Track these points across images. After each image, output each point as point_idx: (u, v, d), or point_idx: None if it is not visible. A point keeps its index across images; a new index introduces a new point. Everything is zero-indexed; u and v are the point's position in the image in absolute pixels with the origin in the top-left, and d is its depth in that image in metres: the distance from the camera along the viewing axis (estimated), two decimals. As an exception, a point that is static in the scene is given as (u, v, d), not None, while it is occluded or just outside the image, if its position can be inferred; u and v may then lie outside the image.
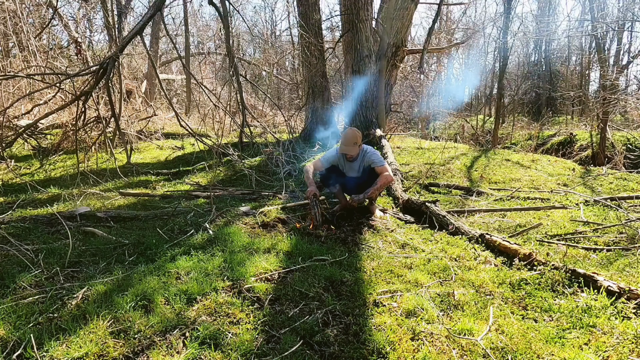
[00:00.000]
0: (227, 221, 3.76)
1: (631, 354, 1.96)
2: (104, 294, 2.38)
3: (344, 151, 4.06)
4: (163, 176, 6.24)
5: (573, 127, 14.34)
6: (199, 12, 20.79)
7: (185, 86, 15.13)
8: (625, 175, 6.57)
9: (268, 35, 22.28)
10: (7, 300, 2.30)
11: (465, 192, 5.39)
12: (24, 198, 4.73)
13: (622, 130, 11.49)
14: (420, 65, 8.99)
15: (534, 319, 2.31)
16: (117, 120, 6.19)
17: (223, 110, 7.15)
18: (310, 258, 2.99)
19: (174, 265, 2.78)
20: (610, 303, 2.36)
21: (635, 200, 4.76)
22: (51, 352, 1.88)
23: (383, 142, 7.10)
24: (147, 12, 5.89)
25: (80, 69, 8.15)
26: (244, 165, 6.28)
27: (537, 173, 6.73)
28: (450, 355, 1.98)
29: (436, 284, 2.70)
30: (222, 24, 7.13)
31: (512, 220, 4.16)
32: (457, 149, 8.64)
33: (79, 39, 12.18)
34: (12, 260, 2.86)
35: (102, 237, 3.38)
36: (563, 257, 3.06)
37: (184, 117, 10.41)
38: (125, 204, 4.55)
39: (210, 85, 14.42)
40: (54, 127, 8.28)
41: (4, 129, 6.35)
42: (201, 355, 1.91)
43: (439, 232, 3.74)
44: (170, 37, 7.45)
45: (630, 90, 15.88)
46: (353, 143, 4.03)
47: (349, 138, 4.06)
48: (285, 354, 1.93)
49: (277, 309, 2.32)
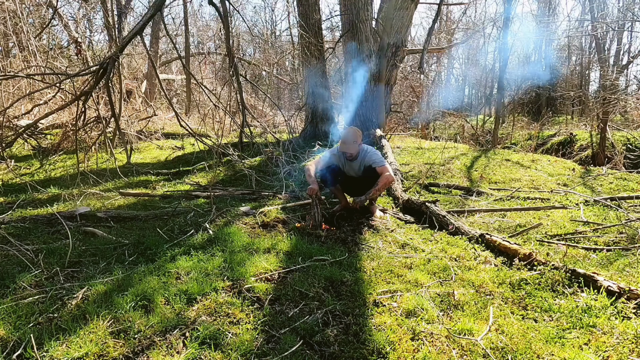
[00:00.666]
0: (227, 221, 3.76)
1: (631, 354, 1.96)
2: (104, 294, 2.38)
3: (344, 149, 4.07)
4: (163, 176, 6.23)
5: (573, 127, 14.34)
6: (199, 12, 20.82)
7: (185, 86, 15.12)
8: (625, 175, 6.56)
9: (268, 35, 22.27)
10: (7, 300, 2.30)
11: (465, 192, 5.39)
12: (24, 198, 4.73)
13: (622, 130, 11.48)
14: (420, 65, 8.97)
15: (534, 319, 2.31)
16: (117, 120, 6.19)
17: (223, 110, 7.16)
18: (310, 258, 2.99)
19: (174, 265, 2.78)
20: (610, 303, 2.36)
21: (635, 200, 4.76)
22: (51, 352, 1.88)
23: (383, 142, 7.10)
24: (147, 12, 5.89)
25: (80, 69, 8.15)
26: (244, 165, 6.27)
27: (537, 173, 6.72)
28: (450, 355, 1.98)
29: (436, 284, 2.70)
30: (222, 24, 7.13)
31: (512, 220, 4.16)
32: (457, 149, 8.64)
33: (79, 39, 12.18)
34: (12, 260, 2.86)
35: (102, 237, 3.38)
36: (563, 257, 3.06)
37: (184, 117, 10.41)
38: (125, 204, 4.55)
39: (210, 85, 14.42)
40: (54, 127, 8.29)
41: (4, 129, 6.35)
42: (201, 355, 1.91)
43: (439, 232, 3.74)
44: (170, 37, 7.45)
45: (630, 90, 15.88)
46: (352, 141, 4.04)
47: (348, 136, 4.07)
48: (285, 354, 1.93)
49: (277, 309, 2.32)
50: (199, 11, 20.42)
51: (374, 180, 4.04)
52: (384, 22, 8.71)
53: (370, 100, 8.21)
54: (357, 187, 4.21)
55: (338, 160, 4.24)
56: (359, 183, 4.18)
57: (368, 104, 8.20)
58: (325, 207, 4.39)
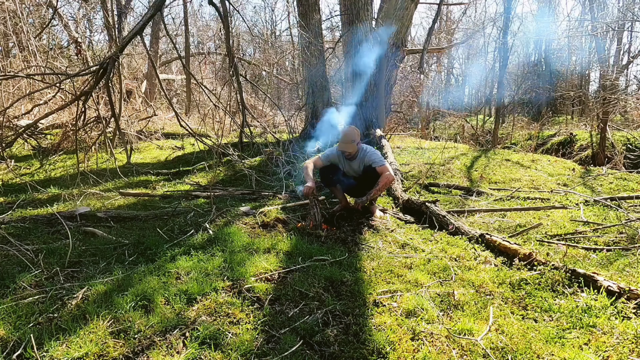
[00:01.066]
0: (227, 221, 3.76)
1: (631, 354, 1.96)
2: (104, 294, 2.38)
3: (342, 148, 4.06)
4: (163, 176, 6.23)
5: (573, 127, 14.33)
6: (199, 12, 20.81)
7: (185, 86, 15.12)
8: (625, 175, 6.56)
9: (268, 35, 22.27)
10: (7, 300, 2.30)
11: (465, 192, 5.39)
12: (24, 198, 4.73)
13: (622, 130, 11.48)
14: (420, 65, 9.00)
15: (534, 319, 2.31)
16: (117, 120, 6.20)
17: (223, 110, 7.16)
18: (310, 258, 2.99)
19: (174, 265, 2.78)
20: (610, 303, 2.36)
21: (635, 200, 4.76)
22: (51, 352, 1.88)
23: (383, 142, 7.10)
24: (147, 12, 5.89)
25: (80, 69, 8.16)
26: (244, 165, 6.27)
27: (537, 173, 6.72)
28: (450, 355, 1.98)
29: (436, 284, 2.70)
30: (222, 24, 7.13)
31: (512, 220, 4.16)
32: (457, 149, 8.64)
33: (79, 39, 12.19)
34: (12, 260, 2.86)
35: (102, 237, 3.38)
36: (563, 257, 3.06)
37: (184, 117, 10.41)
38: (125, 204, 4.55)
39: (210, 85, 14.42)
40: (54, 127, 8.29)
41: (4, 129, 6.35)
42: (201, 355, 1.91)
43: (439, 232, 3.74)
44: (170, 37, 7.45)
45: (630, 90, 15.87)
46: (351, 140, 4.03)
47: (347, 136, 4.06)
48: (285, 354, 1.93)
49: (277, 309, 2.32)
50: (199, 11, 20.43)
51: (374, 180, 4.03)
52: (384, 22, 8.70)
53: (370, 100, 8.21)
54: (357, 186, 4.20)
55: (338, 159, 4.23)
56: (359, 182, 4.18)
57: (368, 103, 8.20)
58: (325, 207, 4.39)
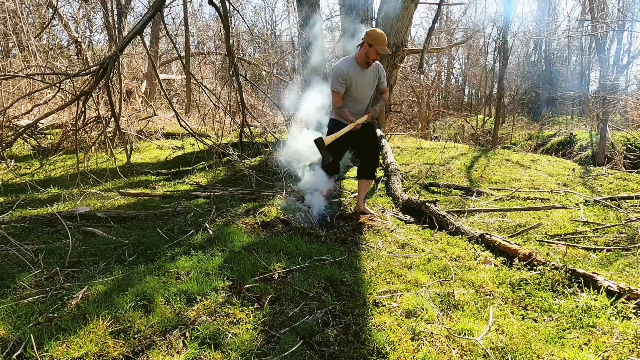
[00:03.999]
0: (227, 221, 3.76)
1: (631, 354, 1.97)
2: (104, 294, 2.38)
3: (383, 52, 3.75)
4: (163, 176, 6.23)
5: (573, 127, 14.36)
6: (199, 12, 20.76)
7: (185, 86, 15.11)
8: (625, 175, 6.56)
9: (268, 35, 22.28)
10: (7, 300, 2.30)
11: (465, 192, 5.39)
12: (24, 198, 4.73)
13: (622, 130, 11.49)
14: (420, 65, 8.97)
15: (534, 319, 2.31)
16: (117, 120, 6.19)
17: (223, 110, 7.15)
18: (310, 258, 2.99)
19: (173, 265, 2.78)
20: (610, 303, 2.36)
21: (635, 200, 4.76)
22: (51, 352, 1.88)
23: (383, 142, 7.09)
24: (147, 12, 5.88)
25: (80, 69, 8.15)
26: (244, 165, 6.27)
27: (537, 173, 6.72)
28: (450, 355, 1.98)
29: (436, 284, 2.70)
30: (222, 24, 7.12)
31: (512, 220, 4.16)
32: (457, 149, 8.64)
33: (79, 39, 12.18)
34: (12, 260, 2.86)
35: (102, 237, 3.38)
36: (563, 257, 3.07)
37: (184, 117, 10.39)
38: (125, 204, 4.55)
39: (210, 85, 14.41)
40: (54, 127, 8.28)
41: (4, 129, 6.35)
42: (201, 355, 1.91)
43: (439, 232, 3.74)
44: (170, 37, 7.45)
45: (630, 90, 15.86)
46: (387, 42, 3.74)
47: (385, 37, 3.71)
48: (285, 354, 1.93)
49: (277, 309, 2.32)
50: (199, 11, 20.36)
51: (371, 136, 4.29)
52: (384, 22, 8.70)
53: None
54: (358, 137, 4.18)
55: (347, 75, 3.92)
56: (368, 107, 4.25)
57: (368, 103, 8.19)
58: (325, 207, 4.39)
